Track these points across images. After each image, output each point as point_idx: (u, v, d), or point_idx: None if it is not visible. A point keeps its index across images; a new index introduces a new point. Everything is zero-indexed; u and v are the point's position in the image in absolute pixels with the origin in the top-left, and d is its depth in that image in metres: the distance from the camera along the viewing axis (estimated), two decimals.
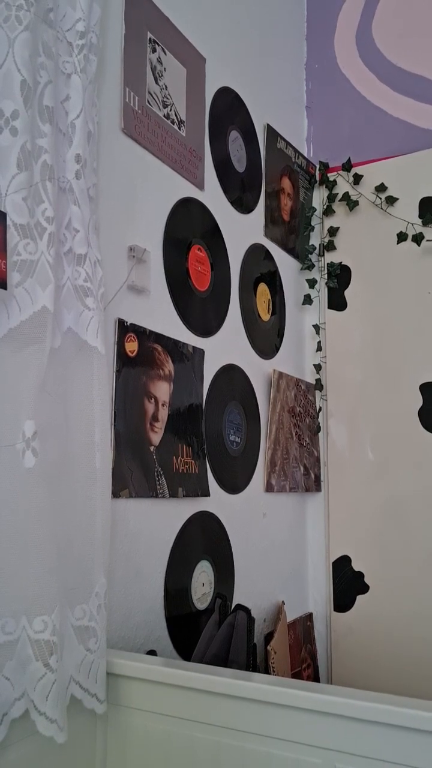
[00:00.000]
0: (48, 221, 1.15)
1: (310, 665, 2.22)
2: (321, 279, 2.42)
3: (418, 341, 2.22)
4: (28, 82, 1.13)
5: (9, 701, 1.07)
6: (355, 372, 2.32)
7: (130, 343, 1.51)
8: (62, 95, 1.26)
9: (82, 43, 1.29)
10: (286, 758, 1.09)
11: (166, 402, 1.61)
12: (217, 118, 1.95)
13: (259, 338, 2.12)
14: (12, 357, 1.11)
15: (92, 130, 1.31)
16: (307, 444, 2.30)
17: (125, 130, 1.55)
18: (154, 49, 1.66)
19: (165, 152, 1.69)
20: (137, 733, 1.22)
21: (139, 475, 1.50)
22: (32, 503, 1.10)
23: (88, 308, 1.25)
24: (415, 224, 2.24)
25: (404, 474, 2.21)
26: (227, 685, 1.14)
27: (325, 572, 2.32)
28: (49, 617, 1.10)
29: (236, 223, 2.03)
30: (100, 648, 1.21)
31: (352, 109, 2.47)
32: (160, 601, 1.57)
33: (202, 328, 1.81)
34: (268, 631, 2.02)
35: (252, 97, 2.17)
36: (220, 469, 1.84)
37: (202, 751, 1.16)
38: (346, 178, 2.39)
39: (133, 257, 1.54)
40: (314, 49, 2.57)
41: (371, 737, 1.03)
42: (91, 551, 1.23)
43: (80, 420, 1.24)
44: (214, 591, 1.77)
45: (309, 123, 2.56)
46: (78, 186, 1.26)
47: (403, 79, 2.39)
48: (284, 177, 2.32)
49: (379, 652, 2.19)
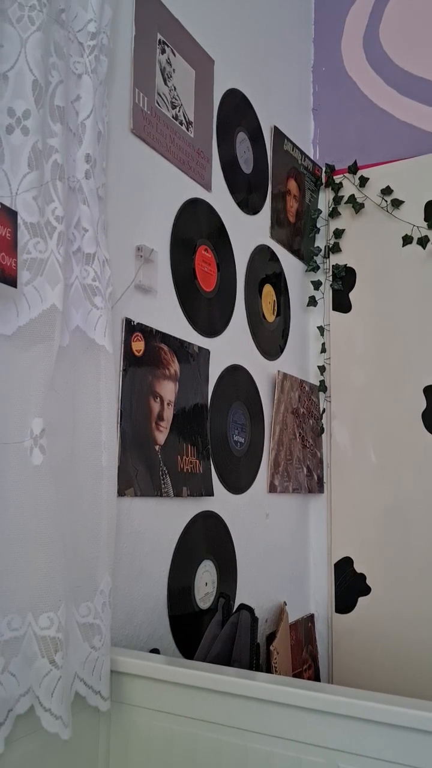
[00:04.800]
0: (58, 220, 1.16)
1: (311, 666, 2.22)
2: (326, 281, 2.43)
3: (422, 344, 2.23)
4: (39, 82, 1.14)
5: (14, 697, 1.07)
6: (359, 374, 2.33)
7: (137, 342, 1.51)
8: (73, 95, 1.27)
9: (93, 44, 1.29)
10: (288, 757, 1.10)
11: (171, 401, 1.61)
12: (225, 119, 1.96)
13: (264, 339, 2.12)
14: (21, 354, 1.12)
15: (102, 131, 1.32)
16: (310, 445, 2.31)
17: (134, 131, 1.56)
18: (164, 51, 1.67)
19: (173, 153, 1.70)
20: (140, 730, 1.23)
21: (144, 474, 1.51)
22: (39, 500, 1.10)
23: (96, 307, 1.26)
24: (421, 227, 2.25)
25: (407, 476, 2.21)
26: (231, 683, 1.14)
27: (326, 574, 2.33)
28: (55, 614, 1.10)
29: (242, 224, 2.04)
30: (104, 645, 1.22)
31: (358, 112, 2.48)
32: (163, 599, 1.57)
33: (208, 328, 1.82)
34: (270, 631, 2.02)
35: (259, 99, 2.17)
36: (224, 469, 1.85)
37: (204, 749, 1.16)
38: (352, 181, 2.39)
39: (141, 257, 1.55)
40: (321, 51, 2.58)
41: (374, 737, 1.04)
42: (96, 549, 1.24)
43: (87, 418, 1.24)
44: (217, 591, 1.78)
45: (315, 125, 2.57)
46: (87, 186, 1.27)
47: (409, 83, 2.40)
48: (290, 179, 2.33)
49: (380, 654, 2.19)
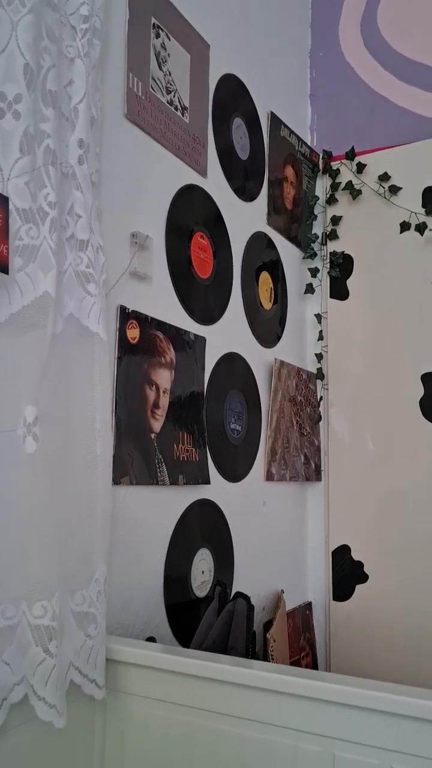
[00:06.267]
0: (50, 206, 1.15)
1: (308, 654, 2.22)
2: (323, 268, 2.42)
3: (420, 331, 2.22)
4: (31, 65, 1.12)
5: (8, 686, 1.07)
6: (357, 361, 2.32)
7: (132, 329, 1.50)
8: (65, 79, 1.25)
9: (86, 28, 1.28)
10: (284, 745, 1.10)
11: (167, 389, 1.61)
12: (221, 105, 1.94)
13: (261, 327, 2.11)
14: (13, 342, 1.11)
15: (95, 115, 1.30)
16: (307, 433, 2.30)
17: (128, 116, 1.54)
18: (158, 35, 1.65)
19: (168, 138, 1.68)
20: (136, 719, 1.23)
21: (140, 462, 1.50)
22: (33, 489, 1.10)
23: (89, 294, 1.25)
24: (419, 214, 2.23)
25: (404, 464, 2.21)
26: (227, 671, 1.14)
27: (324, 561, 2.33)
28: (49, 603, 1.10)
29: (239, 211, 2.02)
30: (99, 634, 1.21)
31: (356, 98, 2.46)
32: (159, 588, 1.57)
33: (204, 315, 1.81)
34: (267, 619, 2.02)
35: (256, 84, 2.15)
36: (220, 457, 1.84)
37: (200, 737, 1.16)
38: (350, 167, 2.38)
39: (136, 244, 1.54)
40: (319, 37, 2.56)
41: (370, 725, 1.04)
42: (91, 538, 1.24)
43: (81, 406, 1.24)
44: (213, 579, 1.78)
45: (313, 111, 2.55)
46: (80, 171, 1.25)
47: (407, 68, 2.38)
48: (287, 165, 2.31)
49: (377, 641, 2.20)
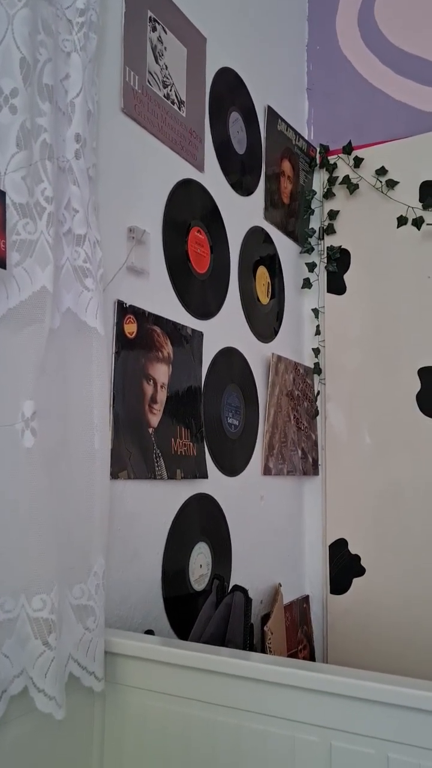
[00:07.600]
0: (47, 201, 1.15)
1: (306, 647, 2.23)
2: (320, 263, 2.42)
3: (417, 325, 2.22)
4: (27, 59, 1.12)
5: (8, 678, 1.08)
6: (354, 356, 2.32)
7: (129, 324, 1.50)
8: (62, 74, 1.25)
9: (82, 21, 1.28)
10: (282, 736, 1.11)
11: (164, 384, 1.61)
12: (218, 99, 1.94)
13: (258, 321, 2.11)
14: (11, 337, 1.11)
15: (92, 110, 1.30)
16: (305, 428, 2.31)
17: (125, 110, 1.54)
18: (155, 28, 1.64)
19: (165, 133, 1.68)
20: (135, 710, 1.24)
21: (138, 456, 1.51)
22: (31, 483, 1.10)
23: (87, 289, 1.25)
24: (416, 208, 2.24)
25: (401, 458, 2.22)
26: (224, 663, 1.15)
27: (321, 555, 2.34)
28: (48, 596, 1.10)
29: (236, 206, 2.02)
30: (98, 627, 1.22)
31: (353, 92, 2.45)
32: (157, 581, 1.58)
33: (201, 310, 1.81)
34: (264, 612, 2.03)
35: (253, 78, 2.15)
36: (218, 451, 1.85)
37: (198, 729, 1.17)
38: (347, 161, 2.38)
39: (133, 238, 1.54)
40: (316, 30, 2.55)
41: (367, 716, 1.04)
42: (89, 531, 1.24)
43: (79, 401, 1.24)
44: (211, 572, 1.78)
45: (310, 105, 2.54)
46: (77, 166, 1.25)
47: (405, 62, 2.37)
48: (284, 159, 2.31)
49: (375, 634, 2.21)
